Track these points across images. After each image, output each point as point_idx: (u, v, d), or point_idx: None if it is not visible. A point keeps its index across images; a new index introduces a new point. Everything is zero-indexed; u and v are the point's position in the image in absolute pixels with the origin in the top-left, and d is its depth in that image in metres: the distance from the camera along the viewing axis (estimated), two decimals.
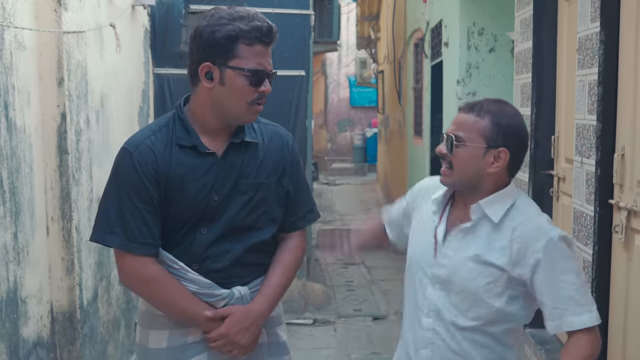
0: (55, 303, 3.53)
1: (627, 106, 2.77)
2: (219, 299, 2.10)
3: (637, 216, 2.68)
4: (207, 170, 2.06)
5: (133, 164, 2.01)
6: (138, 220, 2.02)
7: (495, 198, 1.94)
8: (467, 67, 5.36)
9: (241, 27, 1.94)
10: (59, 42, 3.41)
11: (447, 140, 1.95)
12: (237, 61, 1.97)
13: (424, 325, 2.01)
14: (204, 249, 2.09)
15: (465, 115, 1.94)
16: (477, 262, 1.92)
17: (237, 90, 2.00)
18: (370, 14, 13.35)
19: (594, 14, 2.97)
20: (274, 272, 2.19)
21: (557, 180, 3.87)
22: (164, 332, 2.13)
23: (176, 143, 2.05)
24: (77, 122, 3.61)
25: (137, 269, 2.05)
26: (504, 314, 1.93)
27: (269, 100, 6.58)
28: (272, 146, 2.18)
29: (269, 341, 2.22)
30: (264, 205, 2.14)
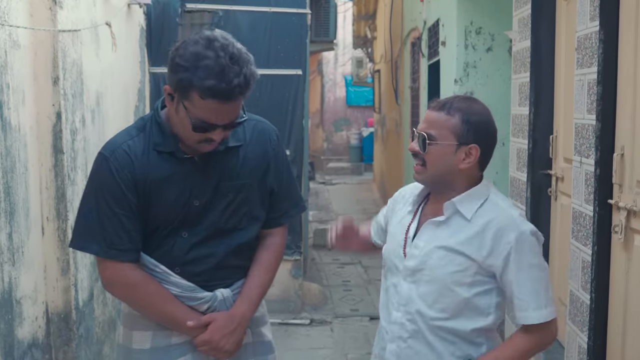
0: (51, 304, 3.50)
1: (626, 105, 2.76)
2: (202, 302, 2.09)
3: (636, 216, 2.67)
4: (186, 175, 2.03)
5: (110, 169, 1.98)
6: (117, 227, 1.99)
7: (468, 196, 1.99)
8: (465, 66, 5.34)
9: (194, 81, 1.83)
10: (54, 41, 3.38)
11: (419, 138, 1.98)
12: (188, 104, 1.89)
13: (392, 319, 2.05)
14: (185, 253, 2.07)
15: (436, 113, 1.96)
16: (447, 250, 1.96)
17: (184, 126, 1.94)
18: (367, 13, 13.33)
19: (593, 13, 2.95)
20: (255, 272, 2.18)
21: (555, 180, 3.86)
22: (148, 333, 2.11)
23: (153, 148, 2.01)
24: (73, 121, 3.58)
25: (118, 275, 2.03)
26: (472, 306, 1.96)
27: (265, 99, 6.57)
28: (255, 143, 2.14)
29: (254, 341, 2.23)
30: (246, 206, 2.12)
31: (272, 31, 5.85)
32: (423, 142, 1.96)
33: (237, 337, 2.11)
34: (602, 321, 2.93)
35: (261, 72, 6.18)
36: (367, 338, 5.41)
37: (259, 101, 5.88)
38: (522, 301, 1.92)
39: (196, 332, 2.08)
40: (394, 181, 10.13)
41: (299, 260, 5.94)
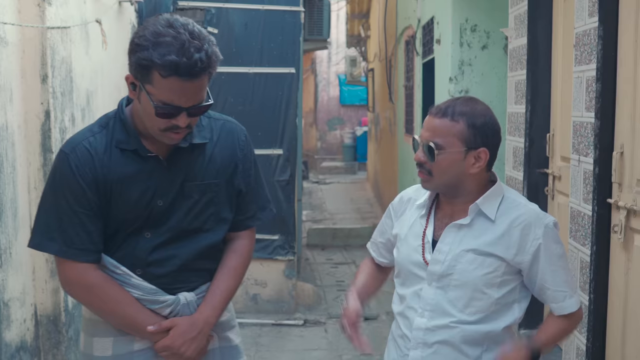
0: (40, 306, 3.44)
1: (626, 103, 2.72)
2: (164, 306, 2.03)
3: (636, 216, 2.63)
4: (150, 175, 1.97)
5: (70, 167, 1.91)
6: (76, 226, 1.92)
7: (488, 197, 1.96)
8: (460, 64, 5.29)
9: (155, 58, 1.76)
10: (43, 38, 3.33)
11: (423, 148, 1.92)
12: (149, 87, 1.82)
13: (416, 326, 2.00)
14: (148, 254, 2.01)
15: (439, 120, 1.90)
16: (477, 253, 1.93)
17: (147, 114, 1.87)
18: (360, 12, 13.29)
19: (592, 9, 2.91)
20: (220, 277, 2.12)
21: (552, 179, 3.82)
22: (109, 340, 2.04)
23: (116, 146, 1.95)
24: (62, 120, 3.52)
25: (77, 276, 1.96)
26: (502, 306, 1.96)
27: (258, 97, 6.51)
28: (223, 143, 2.08)
29: (221, 346, 2.17)
30: (212, 207, 2.06)
31: (265, 29, 5.81)
32: (430, 152, 1.90)
33: (199, 343, 2.04)
34: (601, 322, 2.89)
35: (254, 70, 6.20)
36: None
37: (252, 99, 5.84)
38: (557, 292, 1.95)
39: (157, 337, 2.01)
40: (388, 180, 10.11)
41: (293, 260, 5.90)
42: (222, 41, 5.82)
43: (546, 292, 1.96)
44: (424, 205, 2.06)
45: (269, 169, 5.86)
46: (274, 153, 5.84)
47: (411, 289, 2.03)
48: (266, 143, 5.82)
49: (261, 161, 5.82)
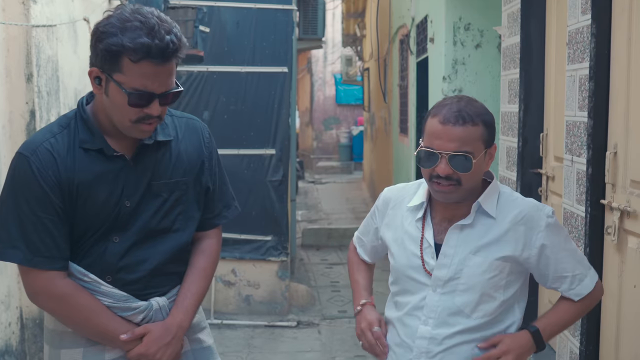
0: (25, 309, 3.39)
1: (619, 102, 2.67)
2: (137, 312, 1.96)
3: (630, 217, 2.58)
4: (117, 174, 1.90)
5: (31, 170, 1.82)
6: (41, 232, 1.84)
7: (488, 193, 1.94)
8: (453, 63, 5.25)
9: (125, 42, 1.72)
10: (28, 37, 3.28)
11: (452, 160, 1.83)
12: (119, 76, 1.76)
13: (420, 334, 1.95)
14: (118, 259, 1.93)
15: (462, 128, 1.82)
16: (483, 255, 1.91)
17: (118, 106, 1.81)
18: (356, 11, 13.25)
19: (585, 6, 2.87)
20: (190, 279, 2.07)
21: (545, 179, 3.77)
22: (78, 351, 1.96)
23: (80, 146, 1.87)
24: (48, 119, 3.47)
25: (44, 285, 1.87)
26: (507, 306, 1.95)
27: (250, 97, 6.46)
28: (187, 141, 2.04)
29: (193, 348, 2.12)
30: (180, 205, 2.01)
31: (257, 28, 5.76)
32: (465, 162, 1.83)
33: (173, 348, 1.99)
34: (594, 325, 2.85)
35: (246, 69, 6.15)
36: (355, 340, 5.31)
37: (244, 99, 5.79)
38: (575, 275, 1.95)
39: (130, 346, 1.95)
40: (384, 180, 10.06)
41: (286, 261, 5.86)
42: (214, 40, 5.78)
43: (565, 280, 1.95)
44: (418, 208, 2.00)
45: (262, 169, 5.82)
46: (267, 153, 5.80)
47: (413, 296, 1.98)
48: (259, 143, 5.78)
49: (254, 161, 5.82)
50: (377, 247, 2.21)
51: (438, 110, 1.86)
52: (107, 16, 1.79)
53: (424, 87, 6.37)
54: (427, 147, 1.86)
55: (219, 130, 5.83)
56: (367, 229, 2.23)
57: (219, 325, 5.79)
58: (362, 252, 2.28)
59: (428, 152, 1.85)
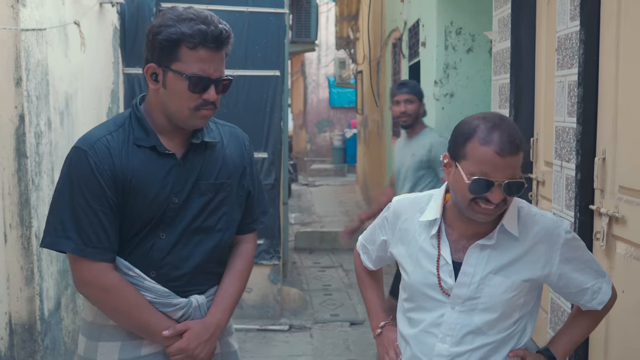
0: (14, 314, 3.37)
1: (608, 108, 2.68)
2: (177, 309, 2.03)
3: (618, 223, 2.59)
4: (167, 172, 1.99)
5: (89, 164, 1.91)
6: (94, 224, 1.92)
7: (510, 213, 1.90)
8: (445, 67, 5.26)
9: (183, 30, 1.87)
10: (17, 40, 3.26)
11: (507, 187, 1.78)
12: (178, 65, 1.90)
13: (437, 352, 1.94)
14: (163, 256, 2.01)
15: (516, 157, 1.79)
16: (504, 275, 1.89)
17: (177, 94, 1.93)
18: (349, 14, 13.26)
19: (574, 13, 2.87)
20: (228, 281, 2.15)
21: (536, 184, 3.78)
22: (115, 344, 2.03)
23: (134, 143, 1.97)
24: (37, 124, 3.45)
25: (94, 276, 1.95)
26: (521, 324, 1.95)
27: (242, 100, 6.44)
28: (232, 146, 2.14)
29: (222, 351, 2.18)
30: (224, 207, 2.09)
31: (249, 31, 5.76)
32: (520, 188, 1.81)
33: (211, 345, 2.07)
34: None
35: (238, 73, 6.14)
36: (347, 344, 5.32)
37: (236, 102, 5.78)
38: (595, 284, 1.96)
39: (170, 342, 2.02)
40: (376, 183, 10.07)
41: (278, 265, 5.85)
42: None
43: (586, 292, 1.95)
44: (432, 224, 1.97)
45: None
46: (259, 156, 5.79)
47: (429, 313, 1.96)
48: None
49: None
50: (382, 257, 2.19)
51: (488, 138, 1.78)
52: (160, 17, 1.93)
53: None
54: (482, 177, 1.78)
55: None
56: (373, 238, 2.20)
57: None
58: (366, 259, 2.26)
59: (484, 181, 1.79)
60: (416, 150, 4.30)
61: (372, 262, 2.25)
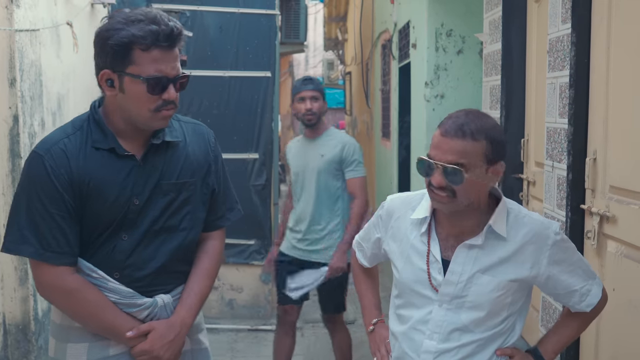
0: (8, 315, 3.37)
1: (599, 109, 2.72)
2: (142, 309, 2.02)
3: (609, 222, 2.63)
4: (127, 173, 1.98)
5: (45, 168, 1.90)
6: (53, 228, 1.91)
7: (498, 214, 1.92)
8: (435, 68, 5.29)
9: (134, 32, 1.84)
10: (11, 41, 3.26)
11: (445, 172, 1.82)
12: (133, 68, 1.87)
13: (425, 349, 1.96)
14: (126, 257, 2.00)
15: (461, 141, 1.80)
16: (492, 274, 1.91)
17: (136, 98, 1.91)
18: (338, 15, 13.29)
19: (565, 15, 2.91)
20: (194, 278, 2.13)
21: (526, 184, 3.82)
22: (83, 345, 2.02)
23: (92, 146, 1.95)
24: (31, 124, 3.45)
25: (54, 280, 1.94)
26: (510, 322, 1.97)
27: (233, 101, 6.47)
28: (195, 144, 2.12)
29: (192, 348, 2.18)
30: (188, 206, 2.08)
31: (240, 32, 5.77)
32: (456, 175, 1.81)
33: (177, 345, 2.06)
34: None
35: (229, 74, 6.15)
36: None
37: (228, 103, 5.80)
38: (583, 287, 1.98)
39: (135, 342, 2.01)
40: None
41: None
42: (197, 44, 5.78)
43: (575, 294, 1.98)
44: (422, 222, 2.00)
45: (245, 174, 5.83)
46: (250, 157, 5.81)
47: (418, 310, 1.99)
48: (242, 147, 5.79)
49: (237, 165, 5.82)
50: (377, 254, 2.22)
51: (444, 122, 1.86)
52: (106, 21, 1.89)
53: (406, 92, 6.41)
54: (424, 156, 1.87)
55: None
56: (368, 236, 2.23)
57: None
58: (361, 257, 2.29)
59: (426, 161, 1.86)
60: (326, 151, 4.04)
61: (367, 260, 2.28)
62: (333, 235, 4.04)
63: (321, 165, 4.01)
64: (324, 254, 4.04)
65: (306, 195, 4.07)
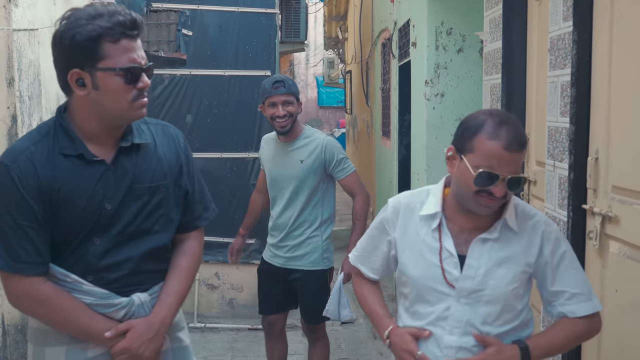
0: (7, 315, 3.36)
1: (601, 108, 2.70)
2: (118, 308, 2.01)
3: (611, 222, 2.61)
4: (97, 179, 1.95)
5: (12, 179, 1.86)
6: (22, 239, 1.88)
7: (511, 208, 1.98)
8: (435, 67, 5.27)
9: (101, 24, 1.83)
10: (9, 41, 3.25)
11: (509, 182, 1.86)
12: (106, 62, 1.86)
13: (446, 344, 1.98)
14: (99, 260, 1.98)
15: (521, 153, 1.88)
16: (508, 267, 1.96)
17: (113, 91, 1.88)
18: (338, 14, 13.28)
19: (566, 13, 2.89)
20: (173, 277, 2.13)
21: (527, 184, 3.80)
22: (61, 349, 2.01)
23: (60, 153, 1.92)
24: (30, 124, 3.44)
25: (26, 290, 1.92)
26: (525, 315, 2.03)
27: (233, 100, 6.46)
28: (165, 146, 2.11)
29: (173, 347, 2.17)
30: (161, 209, 2.07)
31: (240, 31, 5.77)
32: (521, 184, 1.89)
33: (156, 343, 2.05)
34: None
35: (229, 73, 6.14)
36: (339, 343, 5.33)
37: (227, 102, 5.79)
38: (574, 293, 2.00)
39: (114, 342, 2.00)
40: (366, 182, 10.08)
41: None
42: (197, 43, 5.77)
43: (563, 294, 2.01)
44: (432, 217, 2.02)
45: (245, 173, 5.82)
46: (250, 156, 5.80)
47: (434, 306, 2.00)
48: (242, 146, 5.78)
49: (237, 165, 5.81)
50: (387, 261, 2.18)
51: (496, 133, 1.84)
52: (66, 18, 1.85)
53: (406, 90, 6.39)
54: (488, 170, 1.85)
55: (202, 133, 5.82)
56: (373, 245, 2.20)
57: (202, 329, 5.77)
58: (368, 271, 2.24)
59: (489, 174, 1.85)
60: (305, 156, 3.85)
61: (375, 272, 2.24)
62: (312, 240, 3.89)
63: (300, 172, 3.83)
64: (304, 260, 3.90)
65: (283, 201, 3.91)
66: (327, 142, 3.87)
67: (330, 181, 3.94)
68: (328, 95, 19.80)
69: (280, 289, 4.01)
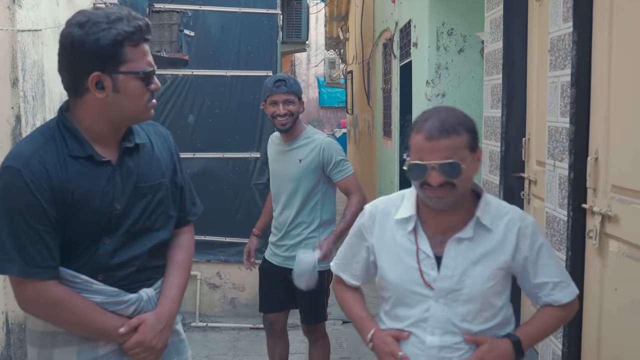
0: (11, 314, 3.38)
1: (600, 108, 2.72)
2: (128, 305, 2.04)
3: (611, 221, 2.63)
4: (107, 180, 1.98)
5: (25, 183, 1.85)
6: (37, 243, 1.87)
7: (482, 206, 2.01)
8: (437, 67, 5.29)
9: (125, 29, 1.86)
10: (13, 41, 3.27)
11: (442, 169, 1.89)
12: (128, 65, 1.90)
13: (429, 344, 2.00)
14: (109, 259, 2.00)
15: (447, 140, 1.89)
16: (484, 265, 1.98)
17: (134, 94, 1.93)
18: (339, 15, 13.29)
19: (567, 14, 2.91)
20: (172, 271, 2.18)
21: (528, 183, 3.82)
22: (72, 349, 2.02)
23: (69, 155, 1.92)
24: (34, 124, 3.46)
25: (41, 294, 1.91)
26: (505, 312, 2.04)
27: (235, 100, 6.46)
28: (160, 145, 2.17)
29: (173, 340, 2.22)
30: (162, 206, 2.12)
31: (242, 32, 5.78)
32: (456, 168, 1.89)
33: (166, 335, 2.10)
34: (576, 328, 2.89)
35: (231, 73, 6.15)
36: (340, 342, 5.34)
37: (229, 102, 5.80)
38: (556, 283, 2.04)
39: (127, 337, 2.03)
40: (367, 182, 10.10)
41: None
42: (199, 44, 5.78)
43: (546, 286, 2.04)
44: (407, 220, 2.05)
45: (246, 173, 5.83)
46: (252, 156, 5.81)
47: (413, 309, 2.02)
48: (243, 146, 5.79)
49: (239, 165, 5.83)
50: (368, 267, 2.20)
51: (421, 126, 1.92)
52: (82, 23, 1.84)
53: (407, 91, 6.41)
54: (415, 161, 1.91)
55: (204, 133, 5.84)
56: (352, 252, 2.22)
57: (204, 328, 5.79)
58: (349, 277, 2.26)
59: (417, 165, 1.91)
60: (303, 156, 3.83)
61: (357, 278, 2.25)
62: (310, 241, 3.88)
63: (298, 171, 3.82)
64: None
65: (283, 200, 3.92)
66: (326, 143, 3.86)
67: (330, 183, 3.94)
68: (329, 96, 19.82)
69: (281, 288, 4.01)
